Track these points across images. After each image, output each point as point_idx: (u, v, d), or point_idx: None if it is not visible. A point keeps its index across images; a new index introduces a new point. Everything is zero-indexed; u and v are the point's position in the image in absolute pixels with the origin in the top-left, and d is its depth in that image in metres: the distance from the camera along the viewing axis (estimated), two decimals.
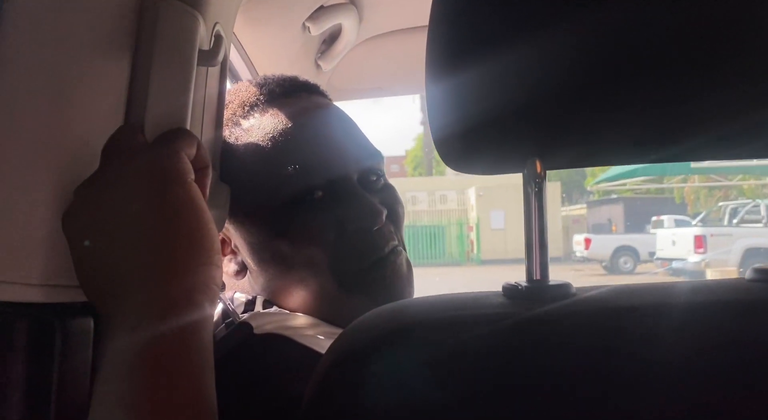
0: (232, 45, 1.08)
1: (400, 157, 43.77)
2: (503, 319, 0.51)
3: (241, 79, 1.16)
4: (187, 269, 0.53)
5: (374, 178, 0.86)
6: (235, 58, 1.12)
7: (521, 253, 0.56)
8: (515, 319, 0.51)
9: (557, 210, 18.98)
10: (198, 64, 0.63)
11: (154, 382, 0.49)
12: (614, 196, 17.94)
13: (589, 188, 18.67)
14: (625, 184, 15.01)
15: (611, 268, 14.40)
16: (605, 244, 14.82)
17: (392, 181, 0.90)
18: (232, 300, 0.85)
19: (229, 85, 1.03)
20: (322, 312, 0.81)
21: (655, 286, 0.58)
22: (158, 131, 0.58)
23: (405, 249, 0.87)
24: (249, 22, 0.99)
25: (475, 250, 18.11)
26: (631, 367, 0.49)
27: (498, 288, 0.57)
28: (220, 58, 0.65)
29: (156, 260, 0.53)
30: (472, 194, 19.03)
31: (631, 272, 14.16)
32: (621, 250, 14.61)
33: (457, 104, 0.52)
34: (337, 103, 0.92)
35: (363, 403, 0.48)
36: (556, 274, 0.56)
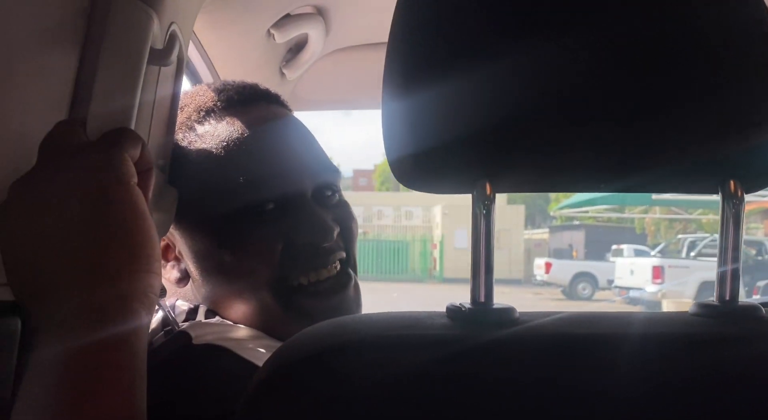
0: (192, 46, 1.06)
1: (369, 170, 43.76)
2: (448, 342, 0.50)
3: (201, 81, 1.14)
4: (123, 276, 0.51)
5: (329, 194, 0.84)
6: (195, 59, 1.10)
7: None
8: (463, 345, 0.50)
9: (520, 233, 19.14)
10: (149, 63, 0.62)
11: (80, 393, 0.47)
12: (576, 222, 18.16)
13: (552, 213, 18.88)
14: (587, 212, 15.22)
15: (570, 293, 14.50)
16: (565, 269, 14.94)
17: (359, 194, 0.88)
18: (173, 308, 0.82)
19: (189, 86, 1.01)
20: (263, 325, 0.79)
21: (600, 316, 0.57)
22: (102, 130, 0.56)
23: (356, 269, 0.86)
24: (211, 24, 0.98)
25: (437, 268, 18.15)
26: (576, 398, 0.49)
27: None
28: (173, 58, 0.64)
29: (89, 265, 0.50)
30: (438, 212, 19.11)
31: (589, 299, 14.26)
32: (580, 276, 14.74)
33: (411, 123, 0.52)
34: (303, 113, 0.90)
35: None
36: (516, 296, 0.55)
